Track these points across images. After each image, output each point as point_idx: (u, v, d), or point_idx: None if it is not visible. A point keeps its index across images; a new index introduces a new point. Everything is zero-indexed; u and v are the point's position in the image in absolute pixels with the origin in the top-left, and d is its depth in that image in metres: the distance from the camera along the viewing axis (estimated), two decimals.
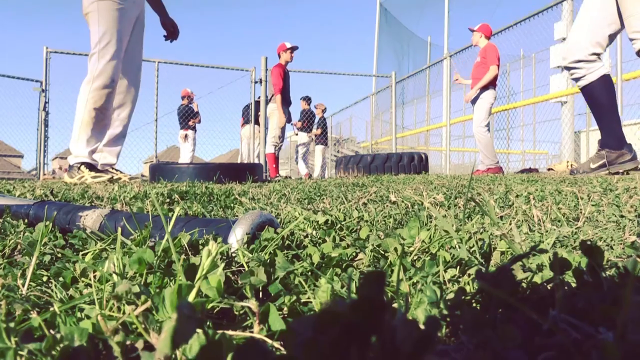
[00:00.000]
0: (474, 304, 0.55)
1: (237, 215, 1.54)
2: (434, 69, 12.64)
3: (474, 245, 0.76)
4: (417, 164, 7.17)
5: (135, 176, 4.95)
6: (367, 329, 0.23)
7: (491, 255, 0.74)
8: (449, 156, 10.65)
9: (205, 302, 0.47)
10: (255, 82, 10.18)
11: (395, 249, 0.74)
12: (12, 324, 0.45)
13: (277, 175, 8.63)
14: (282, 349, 0.42)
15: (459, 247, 0.75)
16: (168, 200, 1.99)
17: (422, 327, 0.29)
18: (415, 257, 0.79)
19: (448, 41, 20.59)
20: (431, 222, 1.05)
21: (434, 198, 1.72)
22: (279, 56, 8.56)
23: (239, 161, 12.13)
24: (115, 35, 4.23)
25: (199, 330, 0.31)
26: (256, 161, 10.23)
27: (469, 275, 0.67)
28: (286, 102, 8.61)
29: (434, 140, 15.85)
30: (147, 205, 1.82)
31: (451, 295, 0.58)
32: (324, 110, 13.24)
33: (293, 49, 8.58)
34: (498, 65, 7.04)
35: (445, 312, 0.48)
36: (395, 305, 0.54)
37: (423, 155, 7.38)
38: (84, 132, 4.17)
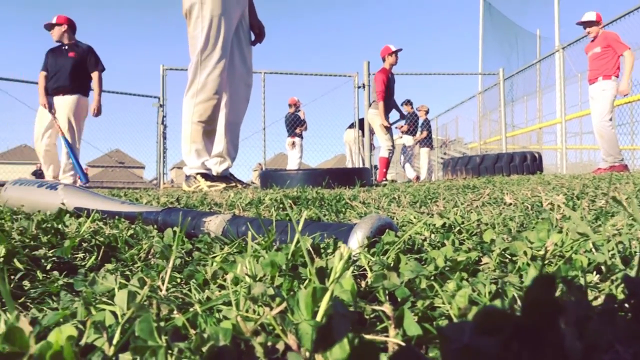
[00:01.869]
0: (621, 312, 0.51)
1: (349, 220, 1.55)
2: (545, 63, 11.97)
3: (613, 249, 0.70)
4: (529, 163, 6.84)
5: (247, 183, 5.10)
6: (542, 333, 0.22)
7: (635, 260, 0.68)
8: (565, 155, 10.02)
9: None
10: (358, 87, 10.21)
11: (525, 253, 0.70)
12: (161, 323, 0.48)
13: (384, 179, 8.59)
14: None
15: (596, 251, 0.70)
16: (281, 205, 2.05)
17: None
18: (545, 262, 0.74)
19: (559, 33, 19.39)
20: (559, 224, 0.98)
21: (554, 199, 1.62)
22: (384, 60, 8.46)
23: (347, 166, 12.24)
24: (220, 40, 3.88)
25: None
26: (361, 165, 10.26)
27: (612, 281, 0.62)
28: (389, 108, 8.53)
29: (547, 138, 15.01)
30: (262, 210, 1.88)
31: (594, 303, 0.54)
32: (427, 112, 13.00)
33: (397, 51, 8.47)
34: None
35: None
36: None
37: (536, 155, 7.03)
38: (193, 145, 4.08)
